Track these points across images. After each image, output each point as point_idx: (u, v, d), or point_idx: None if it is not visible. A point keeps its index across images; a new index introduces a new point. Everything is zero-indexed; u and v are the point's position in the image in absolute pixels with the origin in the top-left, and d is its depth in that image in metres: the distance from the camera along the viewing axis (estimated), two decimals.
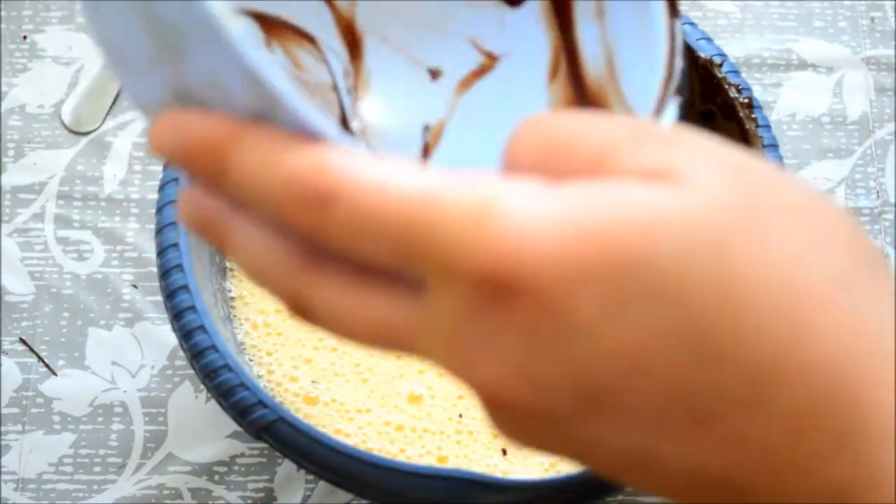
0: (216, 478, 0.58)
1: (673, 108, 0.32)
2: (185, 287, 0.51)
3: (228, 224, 0.28)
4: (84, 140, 0.65)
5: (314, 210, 0.26)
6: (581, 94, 0.36)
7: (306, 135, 0.26)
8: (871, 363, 0.26)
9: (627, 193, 0.25)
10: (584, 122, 0.27)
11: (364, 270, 0.27)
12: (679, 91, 0.32)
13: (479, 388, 0.27)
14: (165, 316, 0.60)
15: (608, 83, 0.34)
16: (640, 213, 0.25)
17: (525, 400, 0.26)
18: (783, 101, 0.68)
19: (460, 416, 0.55)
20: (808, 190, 0.27)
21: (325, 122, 0.26)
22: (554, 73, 0.36)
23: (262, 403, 0.49)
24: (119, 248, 0.63)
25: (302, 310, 0.28)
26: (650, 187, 0.25)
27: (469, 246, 0.25)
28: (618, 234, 0.25)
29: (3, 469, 0.58)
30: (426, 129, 0.37)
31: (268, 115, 0.26)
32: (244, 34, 0.25)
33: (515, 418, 0.27)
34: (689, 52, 0.56)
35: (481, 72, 0.38)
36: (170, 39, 0.26)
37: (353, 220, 0.25)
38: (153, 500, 0.58)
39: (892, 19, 0.70)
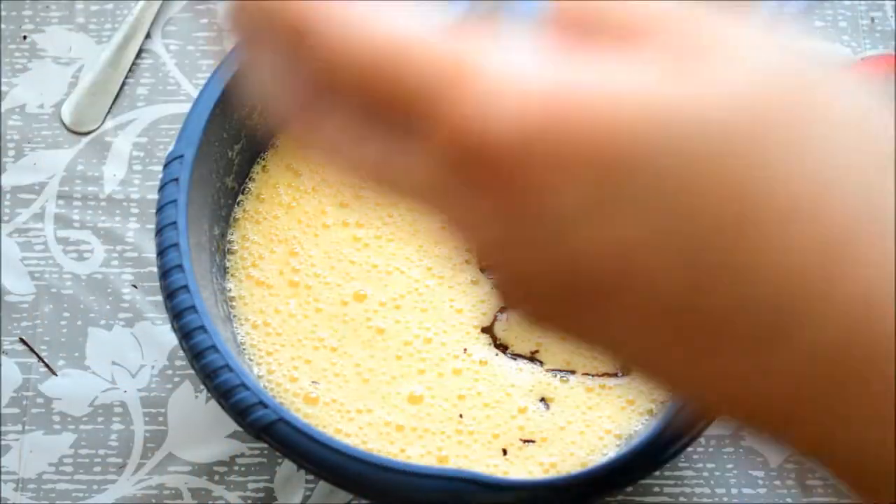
0: (216, 478, 0.58)
1: None
2: (185, 287, 0.51)
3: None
4: (84, 140, 0.65)
5: (292, 41, 0.24)
6: None
7: None
8: None
9: (625, 75, 0.22)
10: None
11: (370, 113, 0.25)
12: None
13: (478, 251, 0.24)
14: (165, 316, 0.60)
15: None
16: (636, 97, 0.21)
17: (516, 285, 0.24)
18: None
19: (460, 416, 0.55)
20: (866, 104, 0.22)
21: None
22: None
23: (262, 403, 0.49)
24: (119, 248, 0.63)
25: (311, 135, 0.26)
26: (657, 74, 0.22)
27: (440, 105, 0.22)
28: (603, 121, 0.21)
29: (3, 469, 0.58)
30: None
31: None
32: None
33: (523, 291, 0.24)
34: None
35: None
36: None
37: (325, 58, 0.24)
38: (153, 500, 0.58)
39: (892, 19, 0.70)
